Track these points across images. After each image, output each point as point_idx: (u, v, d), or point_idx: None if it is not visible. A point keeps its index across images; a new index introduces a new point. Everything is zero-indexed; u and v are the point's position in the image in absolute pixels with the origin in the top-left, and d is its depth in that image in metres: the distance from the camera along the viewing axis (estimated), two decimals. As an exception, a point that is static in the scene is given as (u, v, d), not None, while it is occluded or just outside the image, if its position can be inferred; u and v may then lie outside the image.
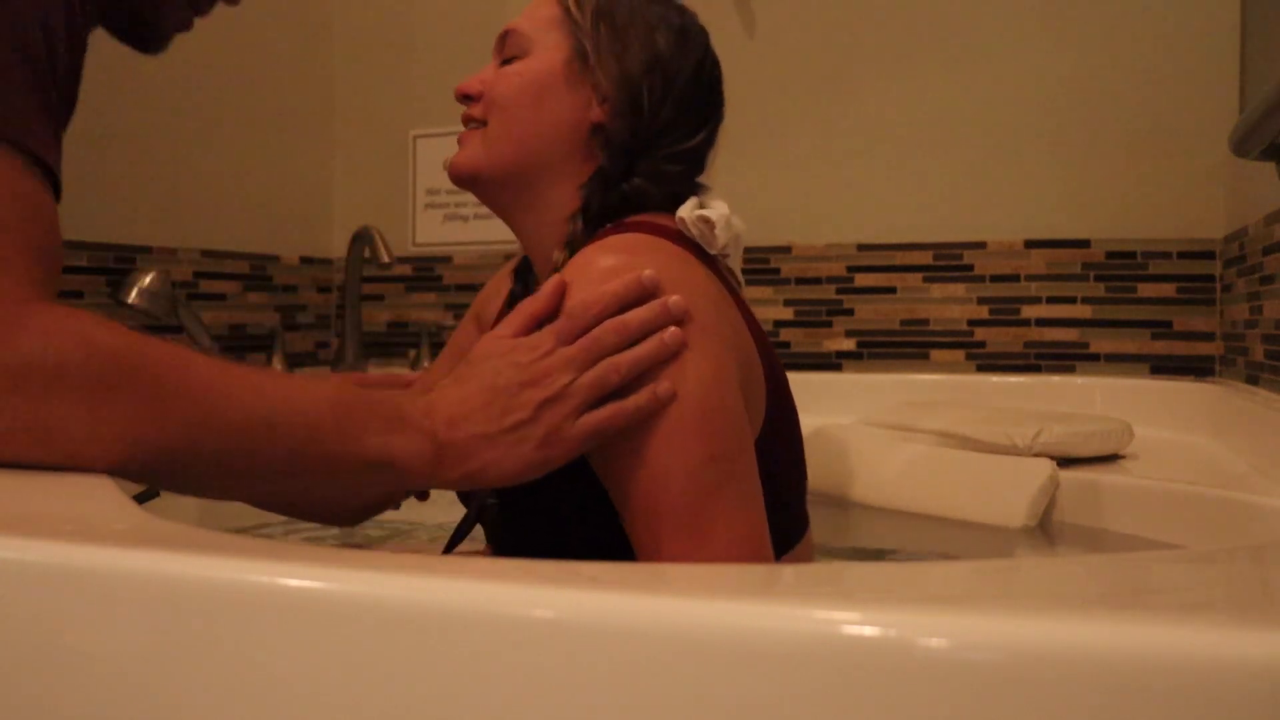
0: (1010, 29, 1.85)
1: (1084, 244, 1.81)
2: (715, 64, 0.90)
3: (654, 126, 0.85)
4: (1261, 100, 1.02)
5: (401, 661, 0.36)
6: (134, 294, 1.65)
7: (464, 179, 0.87)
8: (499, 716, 0.35)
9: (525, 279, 0.95)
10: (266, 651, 0.38)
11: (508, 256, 2.15)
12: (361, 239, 1.97)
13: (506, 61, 0.87)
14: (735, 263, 0.89)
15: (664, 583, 0.39)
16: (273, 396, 0.61)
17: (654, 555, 0.71)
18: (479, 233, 2.18)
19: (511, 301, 0.95)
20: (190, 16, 0.86)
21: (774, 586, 0.43)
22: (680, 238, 0.82)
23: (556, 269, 0.81)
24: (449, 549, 0.87)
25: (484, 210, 2.17)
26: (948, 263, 1.87)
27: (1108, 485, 1.13)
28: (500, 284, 1.04)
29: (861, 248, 1.90)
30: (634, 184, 0.84)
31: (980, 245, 1.86)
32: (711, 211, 0.84)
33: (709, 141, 0.90)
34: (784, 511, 0.83)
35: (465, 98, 0.88)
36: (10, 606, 0.41)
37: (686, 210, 0.84)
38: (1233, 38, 1.73)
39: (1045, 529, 1.13)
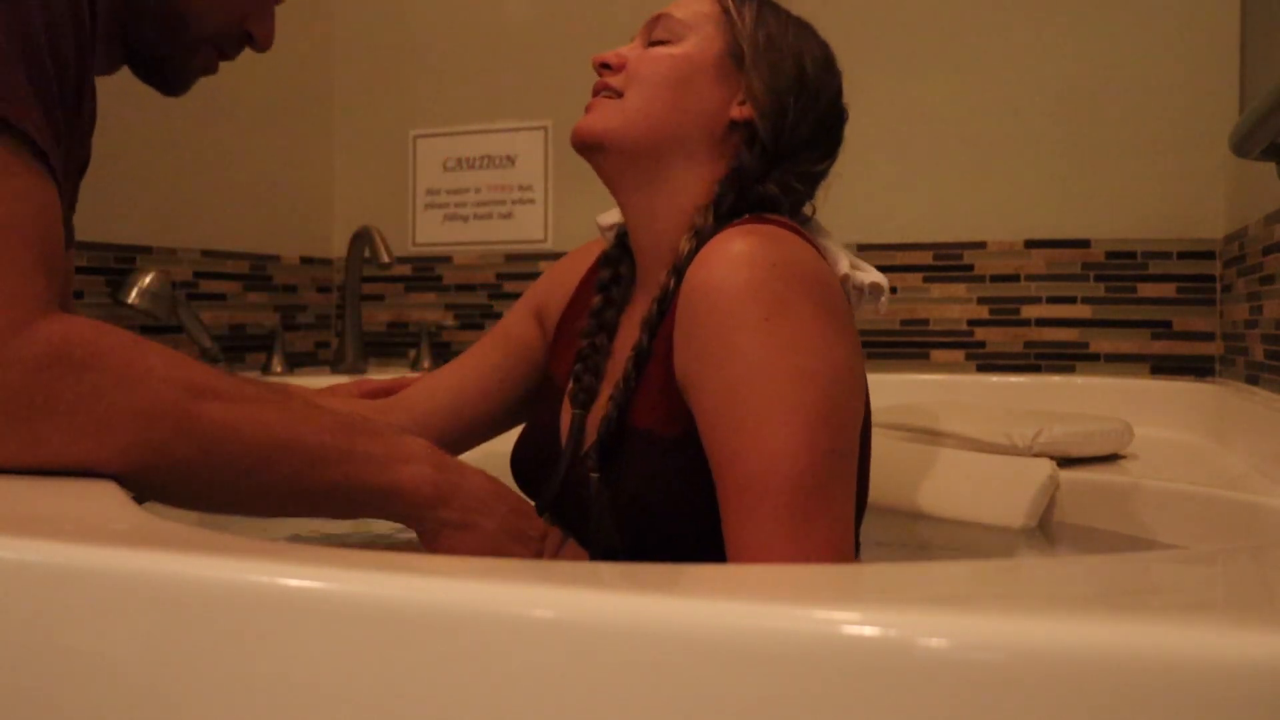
0: (1010, 29, 1.85)
1: (1084, 244, 1.81)
2: (845, 105, 0.92)
3: (795, 138, 0.86)
4: (1262, 100, 1.02)
5: (401, 661, 0.36)
6: (134, 294, 1.65)
7: (590, 143, 0.86)
8: (499, 716, 0.35)
9: (617, 264, 0.93)
10: (266, 651, 0.38)
11: (508, 257, 2.15)
12: (361, 239, 1.97)
13: (656, 44, 0.88)
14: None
15: (664, 583, 0.39)
16: (275, 427, 0.60)
17: (749, 536, 0.71)
18: (479, 233, 2.18)
19: (601, 288, 0.93)
20: (216, 61, 0.86)
21: (774, 587, 0.43)
22: (798, 230, 0.82)
23: (680, 256, 0.82)
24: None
25: (484, 210, 2.19)
26: (948, 263, 1.87)
27: (1108, 485, 1.12)
28: (567, 273, 1.01)
29: (861, 248, 1.90)
30: (768, 188, 0.85)
31: (980, 245, 1.86)
32: (883, 279, 0.87)
33: (826, 172, 0.91)
34: (857, 523, 0.84)
35: (604, 66, 0.88)
36: (10, 606, 0.41)
37: (846, 266, 0.86)
38: (1233, 37, 1.73)
39: (1045, 529, 1.13)
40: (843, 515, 0.73)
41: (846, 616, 0.33)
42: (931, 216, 1.88)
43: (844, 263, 0.87)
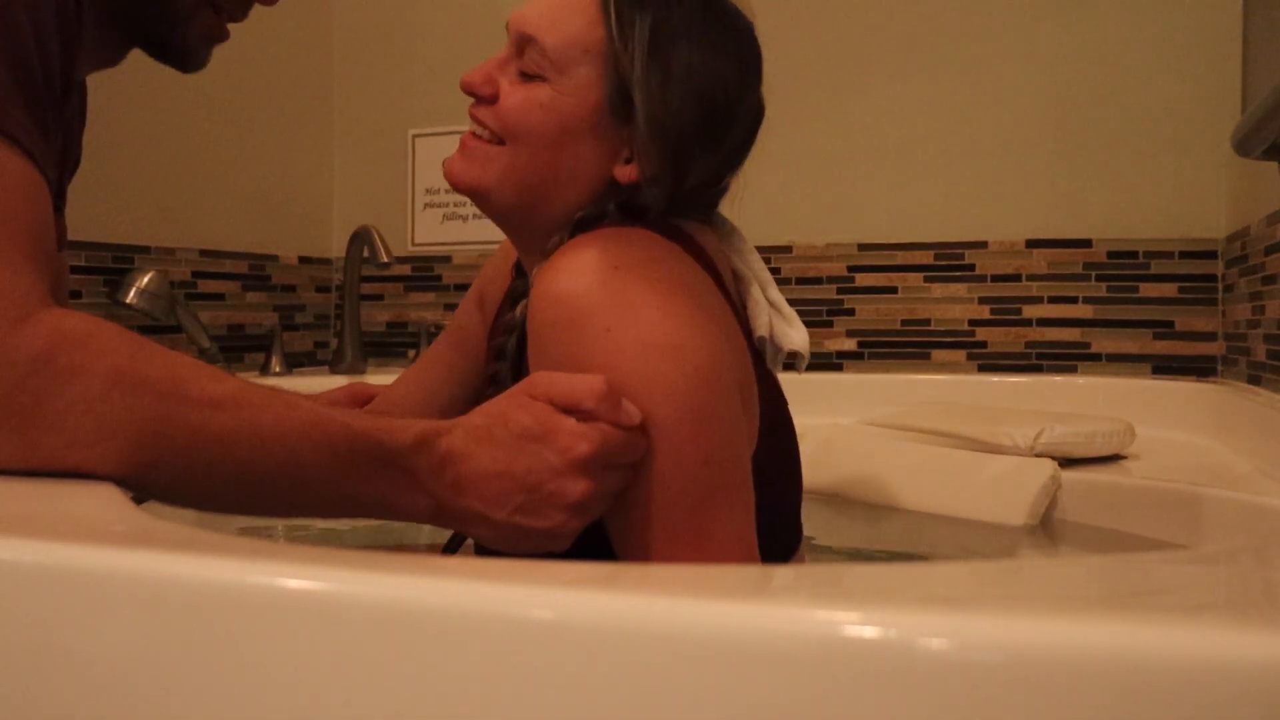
0: (1011, 29, 1.85)
1: (1085, 244, 1.81)
2: (761, 96, 0.80)
3: (695, 181, 0.78)
4: (1264, 99, 1.02)
5: (401, 661, 0.36)
6: (132, 294, 1.65)
7: (462, 190, 0.81)
8: (499, 716, 0.35)
9: (527, 274, 0.88)
10: (266, 651, 0.38)
11: (508, 256, 2.15)
12: (360, 239, 1.97)
13: (528, 77, 0.78)
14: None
15: (664, 583, 0.39)
16: (272, 446, 0.59)
17: (644, 559, 0.68)
18: (478, 232, 2.18)
19: (512, 298, 0.88)
20: (219, 25, 0.81)
21: (774, 587, 0.43)
22: (677, 233, 0.77)
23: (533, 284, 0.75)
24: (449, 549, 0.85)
25: (484, 210, 2.18)
26: (949, 262, 1.87)
27: (1109, 485, 1.13)
28: (503, 265, 0.96)
29: (862, 247, 1.90)
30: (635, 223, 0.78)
31: (981, 245, 1.86)
32: (804, 345, 0.80)
33: (735, 171, 0.82)
34: (782, 523, 0.81)
35: (475, 96, 0.81)
36: (10, 606, 0.41)
37: (765, 327, 0.80)
38: (1235, 37, 1.73)
39: (1046, 529, 1.13)
40: (738, 523, 0.68)
41: (846, 616, 0.33)
42: (932, 216, 1.88)
43: (763, 320, 0.80)
